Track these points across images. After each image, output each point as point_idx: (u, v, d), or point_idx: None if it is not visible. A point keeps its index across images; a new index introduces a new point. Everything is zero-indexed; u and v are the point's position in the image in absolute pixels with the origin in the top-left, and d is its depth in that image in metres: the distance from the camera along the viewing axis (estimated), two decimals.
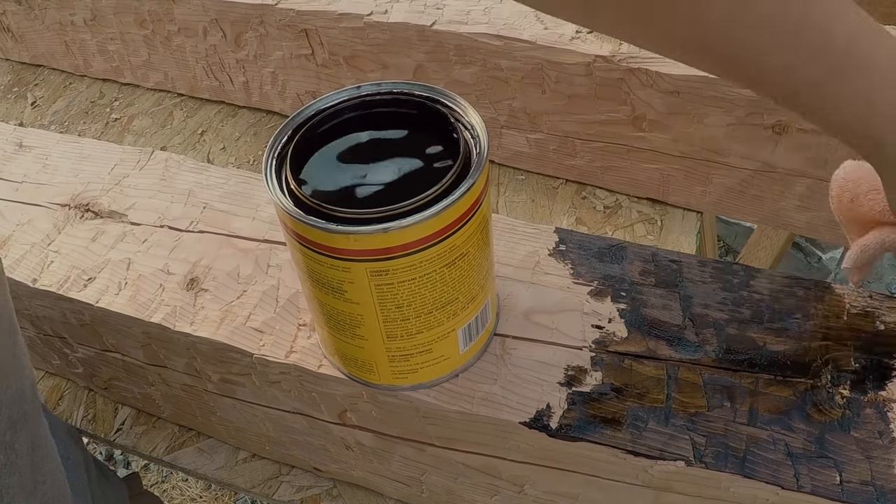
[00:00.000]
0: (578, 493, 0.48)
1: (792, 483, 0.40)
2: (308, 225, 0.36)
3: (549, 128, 0.71)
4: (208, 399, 0.58)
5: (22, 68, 1.02)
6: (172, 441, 0.66)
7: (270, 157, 0.39)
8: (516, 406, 0.44)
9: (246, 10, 0.77)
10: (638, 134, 0.68)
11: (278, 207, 0.37)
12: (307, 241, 0.37)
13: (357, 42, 0.72)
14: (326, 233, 0.35)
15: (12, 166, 0.63)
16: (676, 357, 0.45)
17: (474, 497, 0.53)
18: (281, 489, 0.61)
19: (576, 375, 0.45)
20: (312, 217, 0.36)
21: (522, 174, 0.78)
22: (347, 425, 0.51)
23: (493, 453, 0.47)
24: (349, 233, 0.35)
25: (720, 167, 0.67)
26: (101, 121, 0.92)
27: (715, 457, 0.41)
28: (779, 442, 0.41)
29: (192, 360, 0.53)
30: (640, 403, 0.43)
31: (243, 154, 0.85)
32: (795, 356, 0.45)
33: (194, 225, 0.56)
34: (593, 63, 0.63)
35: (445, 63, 0.70)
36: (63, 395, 0.70)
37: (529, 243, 0.52)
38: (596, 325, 0.47)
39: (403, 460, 0.53)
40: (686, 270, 0.49)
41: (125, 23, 0.87)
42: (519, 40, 0.65)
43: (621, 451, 0.42)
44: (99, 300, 0.52)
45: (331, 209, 0.36)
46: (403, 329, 0.41)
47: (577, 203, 0.75)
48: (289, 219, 0.37)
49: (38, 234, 0.57)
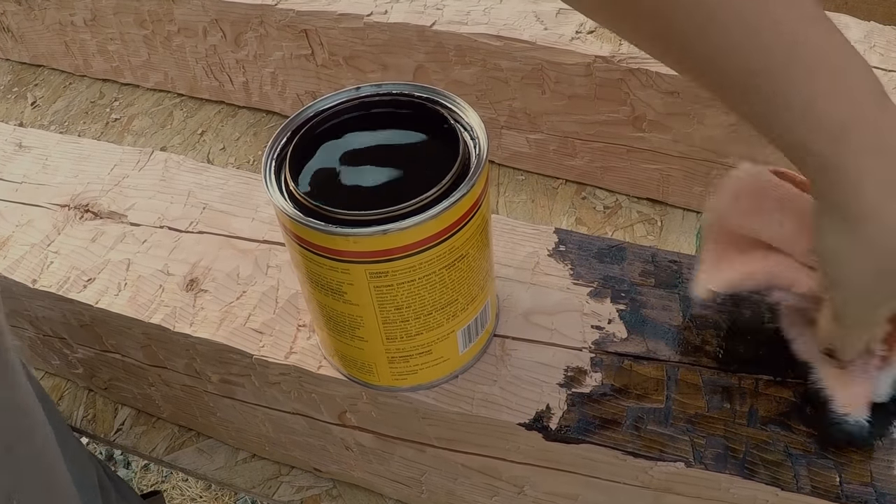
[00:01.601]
0: (578, 494, 0.48)
1: (791, 484, 0.40)
2: (307, 227, 0.36)
3: (549, 128, 0.71)
4: (208, 399, 0.58)
5: (22, 68, 1.02)
6: (172, 441, 0.66)
7: (270, 159, 0.39)
8: (516, 407, 0.44)
9: (246, 11, 0.77)
10: (638, 134, 0.68)
11: (278, 209, 0.37)
12: (306, 243, 0.37)
13: (357, 42, 0.72)
14: (326, 234, 0.35)
15: (12, 167, 0.63)
16: (676, 358, 0.45)
17: (474, 498, 0.53)
18: (281, 489, 0.61)
19: (575, 376, 0.45)
20: (311, 219, 0.36)
21: (522, 174, 0.78)
22: (347, 426, 0.51)
23: (493, 454, 0.47)
24: (348, 235, 0.35)
25: (720, 167, 0.67)
26: (101, 121, 0.92)
27: (714, 458, 0.41)
28: (778, 443, 0.41)
29: (191, 361, 0.53)
30: (639, 404, 0.43)
31: (243, 154, 0.85)
32: (795, 357, 0.45)
33: (194, 226, 0.56)
34: (593, 63, 0.63)
35: (445, 63, 0.70)
36: (63, 396, 0.70)
37: (529, 244, 0.51)
38: (596, 326, 0.47)
39: (403, 461, 0.53)
40: (686, 271, 0.49)
41: (125, 23, 0.87)
42: (519, 41, 0.65)
43: (621, 453, 0.42)
44: (98, 301, 0.52)
45: (330, 211, 0.35)
46: (403, 330, 0.40)
47: (577, 203, 0.75)
48: (288, 221, 0.37)
49: (37, 235, 0.57)
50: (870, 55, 0.61)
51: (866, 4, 0.93)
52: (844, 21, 0.65)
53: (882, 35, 0.63)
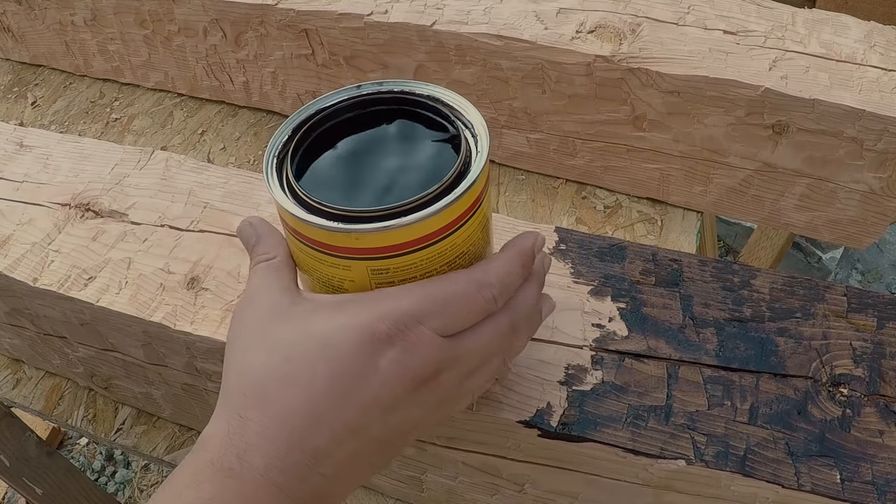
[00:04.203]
0: (579, 492, 0.48)
1: (792, 482, 0.40)
2: (308, 223, 0.36)
3: (549, 128, 0.71)
4: (209, 398, 0.58)
5: (22, 68, 1.02)
6: (172, 441, 0.66)
7: (271, 157, 0.39)
8: (517, 405, 0.44)
9: (246, 11, 0.77)
10: (638, 134, 0.68)
11: (279, 206, 0.37)
12: (307, 240, 0.37)
13: (357, 42, 0.72)
14: (327, 231, 0.35)
15: (13, 166, 0.63)
16: (677, 356, 0.45)
17: (474, 496, 0.53)
18: None
19: (576, 374, 0.45)
20: (313, 216, 0.36)
21: (522, 174, 0.78)
22: None
23: (494, 452, 0.47)
24: (350, 231, 0.35)
25: (720, 167, 0.67)
26: (102, 121, 0.92)
27: (715, 455, 0.41)
28: (779, 441, 0.41)
29: (192, 360, 0.53)
30: (640, 402, 0.43)
31: (243, 154, 0.85)
32: (796, 355, 0.45)
33: (195, 224, 0.56)
34: (593, 63, 0.63)
35: (446, 63, 0.70)
36: (63, 395, 0.70)
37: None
38: (596, 324, 0.47)
39: (404, 459, 0.53)
40: (686, 270, 0.49)
41: (125, 23, 0.87)
42: (519, 40, 0.65)
43: (622, 450, 0.42)
44: (99, 299, 0.52)
45: (331, 208, 0.35)
46: None
47: (577, 203, 0.75)
48: (289, 217, 0.37)
49: (38, 234, 0.57)
50: (870, 55, 0.61)
51: (866, 4, 0.93)
52: (844, 21, 0.65)
53: (882, 35, 0.63)
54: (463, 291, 0.35)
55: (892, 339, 0.45)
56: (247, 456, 0.32)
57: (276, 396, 0.32)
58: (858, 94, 0.58)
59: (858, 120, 0.58)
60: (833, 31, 0.63)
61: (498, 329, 0.36)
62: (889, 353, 0.45)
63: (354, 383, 0.33)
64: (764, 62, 0.60)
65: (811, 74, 0.60)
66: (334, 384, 0.32)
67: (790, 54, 0.61)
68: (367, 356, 0.33)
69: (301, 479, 0.32)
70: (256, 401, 0.33)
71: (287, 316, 0.35)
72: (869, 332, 0.46)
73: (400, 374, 0.33)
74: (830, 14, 0.66)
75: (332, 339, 0.33)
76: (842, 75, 0.60)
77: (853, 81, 0.59)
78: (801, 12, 0.66)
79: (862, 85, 0.59)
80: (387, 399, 0.33)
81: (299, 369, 0.33)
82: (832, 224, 0.68)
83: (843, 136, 0.60)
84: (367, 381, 0.33)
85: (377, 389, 0.33)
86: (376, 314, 0.33)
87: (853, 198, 0.64)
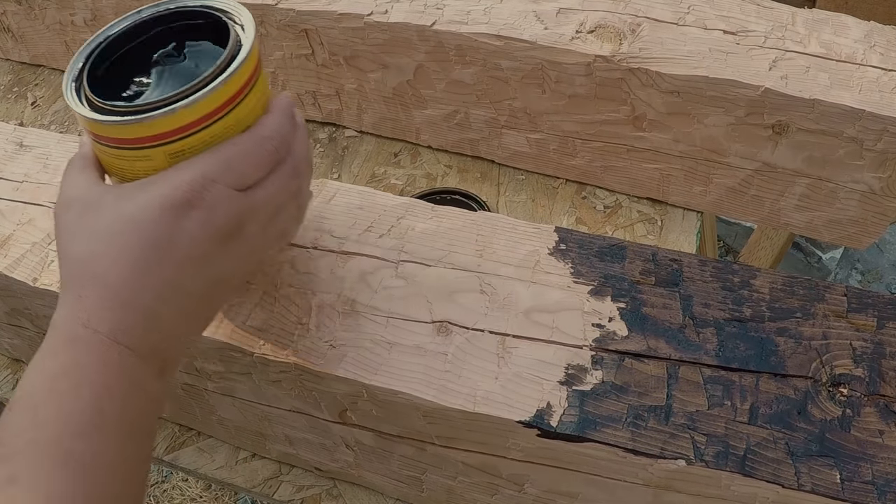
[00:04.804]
0: (578, 492, 0.48)
1: (792, 482, 0.40)
2: (104, 123, 0.39)
3: (549, 128, 0.71)
4: (208, 398, 0.58)
5: (22, 68, 1.02)
6: (172, 441, 0.66)
7: (70, 81, 0.42)
8: (516, 405, 0.44)
9: None
10: (638, 134, 0.68)
11: (80, 117, 0.40)
12: (108, 140, 0.40)
13: (357, 42, 0.72)
14: (122, 126, 0.39)
15: (13, 166, 0.63)
16: (677, 356, 0.45)
17: (474, 496, 0.53)
18: (281, 489, 0.62)
19: (576, 374, 0.45)
20: (108, 115, 0.39)
21: (522, 174, 0.78)
22: (348, 424, 0.51)
23: (494, 452, 0.47)
24: (142, 120, 0.38)
25: (720, 167, 0.67)
26: None
27: (715, 455, 0.41)
28: (779, 441, 0.41)
29: (191, 359, 0.53)
30: (640, 402, 0.43)
31: None
32: (796, 355, 0.45)
33: None
34: (593, 63, 0.63)
35: (445, 63, 0.70)
36: None
37: (530, 243, 0.52)
38: (596, 324, 0.47)
39: (403, 459, 0.53)
40: (686, 270, 0.49)
41: None
42: (519, 40, 0.65)
43: (622, 450, 0.42)
44: None
45: (124, 107, 0.39)
46: None
47: (577, 203, 0.75)
48: (89, 122, 0.40)
49: (38, 234, 0.57)
50: (870, 55, 0.61)
51: (866, 4, 0.93)
52: (844, 21, 0.65)
53: (882, 35, 0.63)
54: (248, 147, 0.40)
55: (892, 339, 0.45)
56: (91, 324, 0.37)
57: (104, 273, 0.38)
58: (858, 94, 0.58)
59: (858, 120, 0.58)
60: (833, 31, 0.63)
61: (284, 174, 0.41)
62: (889, 353, 0.45)
63: (167, 246, 0.38)
64: (764, 62, 0.60)
65: (811, 74, 0.60)
66: (149, 252, 0.38)
67: (790, 54, 0.61)
68: (173, 221, 0.38)
69: (139, 336, 0.38)
70: (88, 280, 0.38)
71: (98, 206, 0.39)
72: (869, 332, 0.46)
73: (205, 230, 0.38)
74: (830, 14, 0.66)
75: (138, 215, 0.38)
76: (842, 75, 0.60)
77: (853, 81, 0.59)
78: (801, 12, 0.66)
79: (862, 85, 0.59)
80: (198, 255, 0.38)
81: (118, 246, 0.38)
82: (832, 224, 0.68)
83: (842, 136, 0.60)
84: (177, 242, 0.38)
85: (187, 248, 0.38)
86: (173, 184, 0.38)
87: (853, 198, 0.64)
